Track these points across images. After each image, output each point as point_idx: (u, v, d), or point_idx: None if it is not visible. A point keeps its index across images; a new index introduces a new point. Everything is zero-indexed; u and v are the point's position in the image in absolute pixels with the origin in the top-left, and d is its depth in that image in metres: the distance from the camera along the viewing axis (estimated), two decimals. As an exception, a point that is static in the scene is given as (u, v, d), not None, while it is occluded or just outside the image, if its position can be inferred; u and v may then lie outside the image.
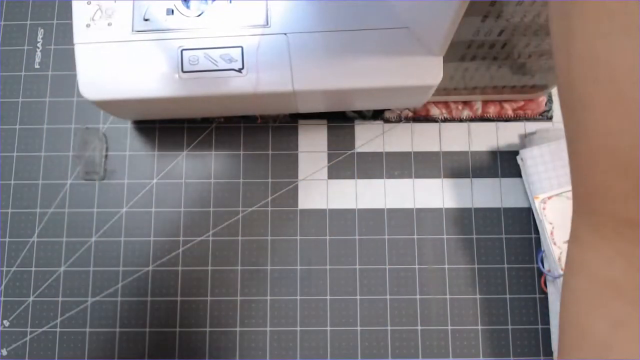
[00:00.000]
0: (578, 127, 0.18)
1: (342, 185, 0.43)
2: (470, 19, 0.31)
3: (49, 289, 0.42)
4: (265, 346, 0.41)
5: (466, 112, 0.43)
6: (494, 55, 0.36)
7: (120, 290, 0.42)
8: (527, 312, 0.41)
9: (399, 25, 0.34)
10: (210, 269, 0.42)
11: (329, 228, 0.42)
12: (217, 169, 0.43)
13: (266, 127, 0.44)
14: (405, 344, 0.41)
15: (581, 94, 0.17)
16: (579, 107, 0.17)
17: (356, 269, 0.42)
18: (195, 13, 0.35)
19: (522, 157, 0.41)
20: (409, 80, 0.34)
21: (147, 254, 0.42)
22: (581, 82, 0.17)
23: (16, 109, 0.44)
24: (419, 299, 0.41)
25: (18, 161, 0.43)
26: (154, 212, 0.43)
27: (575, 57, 0.16)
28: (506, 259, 0.42)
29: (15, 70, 0.45)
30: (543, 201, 0.40)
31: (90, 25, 0.35)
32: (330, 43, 0.34)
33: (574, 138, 0.18)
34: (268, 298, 0.41)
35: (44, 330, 0.41)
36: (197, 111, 0.41)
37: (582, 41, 0.16)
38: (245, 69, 0.34)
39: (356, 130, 0.44)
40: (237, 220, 0.42)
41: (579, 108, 0.17)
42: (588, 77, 0.16)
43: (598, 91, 0.16)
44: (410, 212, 0.43)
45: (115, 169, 0.43)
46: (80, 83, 0.35)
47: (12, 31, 0.45)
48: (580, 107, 0.17)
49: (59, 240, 0.42)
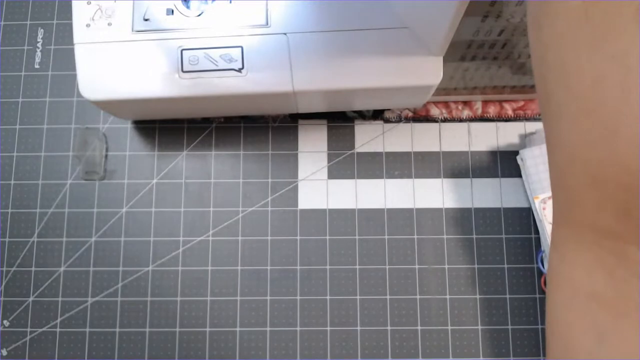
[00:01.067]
0: (553, 136, 0.18)
1: (342, 185, 0.43)
2: (470, 19, 0.31)
3: (49, 289, 0.42)
4: (265, 346, 0.41)
5: (466, 112, 0.43)
6: (494, 55, 0.36)
7: (120, 290, 0.42)
8: (527, 312, 0.41)
9: (399, 25, 0.34)
10: (210, 269, 0.42)
11: (329, 228, 0.42)
12: (217, 169, 0.43)
13: (266, 127, 0.44)
14: (405, 344, 0.41)
15: (555, 104, 0.17)
16: (554, 116, 0.17)
17: (356, 269, 0.42)
18: (195, 13, 0.35)
19: (522, 157, 0.41)
20: (409, 80, 0.35)
21: (147, 254, 0.42)
22: (554, 92, 0.17)
23: (16, 109, 0.44)
24: (419, 299, 0.41)
25: (18, 161, 0.43)
26: (154, 212, 0.43)
27: (550, 67, 0.17)
28: (506, 259, 0.42)
29: (15, 70, 0.45)
30: (543, 201, 0.40)
31: (90, 25, 0.35)
32: (330, 43, 0.34)
33: (550, 148, 0.18)
34: (268, 298, 0.41)
35: (44, 330, 0.41)
36: (197, 111, 0.41)
37: (553, 52, 0.16)
38: (245, 69, 0.35)
39: (356, 130, 0.44)
40: (237, 220, 0.42)
41: (554, 118, 0.17)
42: (560, 88, 0.16)
43: (568, 102, 0.16)
44: (410, 212, 0.43)
45: (115, 169, 0.43)
46: (80, 83, 0.35)
47: (12, 31, 0.45)
48: (554, 117, 0.17)
49: (59, 240, 0.42)
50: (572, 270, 0.18)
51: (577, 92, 0.16)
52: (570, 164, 0.17)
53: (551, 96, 0.17)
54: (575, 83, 0.16)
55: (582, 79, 0.15)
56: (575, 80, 0.16)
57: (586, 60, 0.15)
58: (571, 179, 0.17)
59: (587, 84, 0.15)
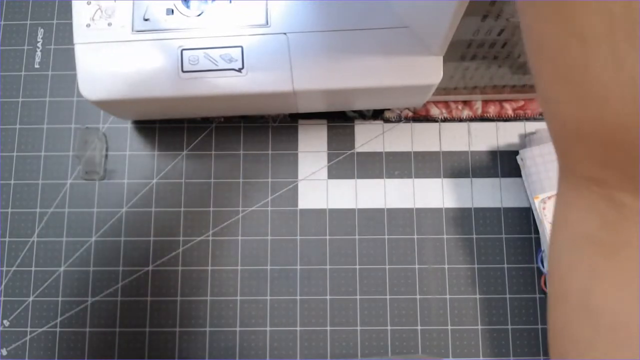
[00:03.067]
0: (538, 94, 0.19)
1: (342, 185, 0.43)
2: (470, 18, 0.31)
3: (49, 288, 0.42)
4: (265, 346, 0.41)
5: (466, 112, 0.43)
6: (494, 55, 0.36)
7: (120, 290, 0.42)
8: (527, 312, 0.41)
9: (399, 25, 0.34)
10: (210, 269, 0.42)
11: (329, 228, 0.42)
12: (217, 169, 0.43)
13: (266, 127, 0.44)
14: (405, 344, 0.41)
15: (532, 63, 0.18)
16: (534, 73, 0.19)
17: (356, 269, 0.42)
18: (195, 13, 0.35)
19: (522, 157, 0.41)
20: (409, 80, 0.34)
21: (147, 254, 0.42)
22: (531, 53, 0.18)
23: (16, 109, 0.44)
24: (419, 299, 0.41)
25: (18, 161, 0.43)
26: (154, 212, 0.43)
27: (527, 31, 0.18)
28: (506, 259, 0.42)
29: (15, 70, 0.45)
30: (543, 201, 0.40)
31: (90, 25, 0.35)
32: (330, 43, 0.34)
33: (542, 103, 0.20)
34: (268, 298, 0.41)
35: (44, 330, 0.41)
36: (197, 111, 0.41)
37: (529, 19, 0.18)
38: (245, 69, 0.35)
39: (356, 130, 0.44)
40: (237, 220, 0.42)
41: (534, 74, 0.19)
42: (534, 49, 0.18)
43: (542, 61, 0.17)
44: (410, 212, 0.43)
45: (115, 169, 0.43)
46: (80, 83, 0.35)
47: (12, 31, 0.45)
48: (534, 74, 0.18)
49: (59, 240, 0.42)
50: (569, 215, 0.20)
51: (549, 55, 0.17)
52: (553, 120, 0.18)
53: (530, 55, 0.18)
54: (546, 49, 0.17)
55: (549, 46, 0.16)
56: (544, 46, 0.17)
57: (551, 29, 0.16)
58: (557, 133, 0.19)
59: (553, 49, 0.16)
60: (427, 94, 0.37)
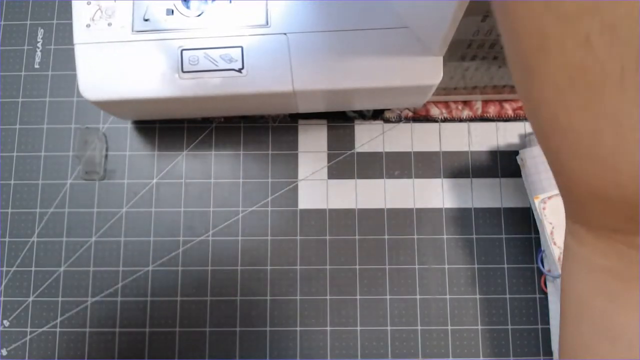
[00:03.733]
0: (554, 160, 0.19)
1: (342, 185, 0.43)
2: (470, 18, 0.31)
3: (49, 289, 0.42)
4: (265, 346, 0.41)
5: (466, 112, 0.43)
6: (494, 55, 0.36)
7: (120, 290, 0.42)
8: (527, 312, 0.41)
9: (399, 25, 0.34)
10: (210, 269, 0.42)
11: (329, 228, 0.42)
12: (217, 169, 0.43)
13: (266, 127, 0.44)
14: (405, 344, 0.41)
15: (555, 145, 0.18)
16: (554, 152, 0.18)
17: (356, 269, 0.42)
18: (195, 13, 0.35)
19: (522, 157, 0.41)
20: (409, 80, 0.34)
21: (147, 254, 0.42)
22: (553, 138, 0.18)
23: (16, 109, 0.44)
24: (419, 299, 0.41)
25: (18, 161, 0.43)
26: (154, 212, 0.43)
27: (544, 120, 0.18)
28: (506, 259, 0.42)
29: (15, 70, 0.45)
30: (543, 201, 0.40)
31: (90, 25, 0.35)
32: (330, 43, 0.34)
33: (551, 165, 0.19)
34: (268, 298, 0.41)
35: (44, 330, 0.41)
36: (197, 111, 0.41)
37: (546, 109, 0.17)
38: (245, 69, 0.35)
39: (356, 130, 0.44)
40: (237, 220, 0.42)
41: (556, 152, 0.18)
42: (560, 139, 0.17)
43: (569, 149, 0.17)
44: (410, 212, 0.43)
45: (115, 169, 0.43)
46: (80, 83, 0.35)
47: (12, 31, 0.45)
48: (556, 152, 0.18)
49: (59, 240, 0.42)
50: (587, 251, 0.20)
51: (576, 145, 0.16)
52: (573, 183, 0.18)
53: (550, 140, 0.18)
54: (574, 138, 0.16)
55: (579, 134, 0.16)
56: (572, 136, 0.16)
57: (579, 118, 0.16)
58: (576, 191, 0.18)
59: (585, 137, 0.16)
60: (427, 94, 0.37)
